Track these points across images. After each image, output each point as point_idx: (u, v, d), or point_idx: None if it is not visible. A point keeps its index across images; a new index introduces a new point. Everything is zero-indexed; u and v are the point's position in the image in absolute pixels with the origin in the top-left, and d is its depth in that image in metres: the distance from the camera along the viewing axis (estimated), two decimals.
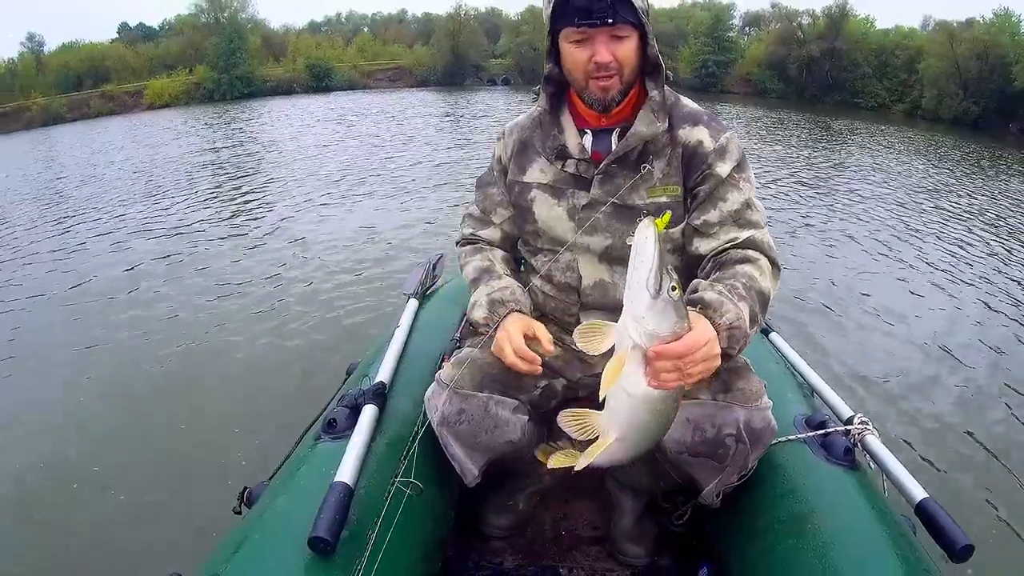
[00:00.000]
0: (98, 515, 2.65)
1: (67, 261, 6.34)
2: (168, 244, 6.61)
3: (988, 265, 6.12)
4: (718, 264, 1.28)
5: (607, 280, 1.41)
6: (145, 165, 12.46)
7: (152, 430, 3.21)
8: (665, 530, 1.64)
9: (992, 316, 4.80)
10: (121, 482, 2.82)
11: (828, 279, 5.50)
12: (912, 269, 5.88)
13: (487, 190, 1.56)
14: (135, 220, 7.77)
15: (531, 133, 1.47)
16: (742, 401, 1.24)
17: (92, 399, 3.58)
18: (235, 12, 38.46)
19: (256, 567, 1.10)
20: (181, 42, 38.66)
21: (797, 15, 38.29)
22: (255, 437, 3.02)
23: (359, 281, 5.23)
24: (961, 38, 29.13)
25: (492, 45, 44.65)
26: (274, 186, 9.46)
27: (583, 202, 1.38)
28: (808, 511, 1.27)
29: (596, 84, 1.28)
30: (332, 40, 47.60)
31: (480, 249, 1.54)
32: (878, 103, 32.19)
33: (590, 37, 1.23)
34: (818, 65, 34.30)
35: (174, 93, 33.45)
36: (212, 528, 2.15)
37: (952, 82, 27.99)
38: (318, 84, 36.01)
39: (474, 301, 1.41)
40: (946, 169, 12.52)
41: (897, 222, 7.63)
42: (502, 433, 1.35)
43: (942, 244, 6.73)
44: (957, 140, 18.89)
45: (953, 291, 5.31)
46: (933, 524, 1.22)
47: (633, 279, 0.96)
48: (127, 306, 4.93)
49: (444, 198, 8.02)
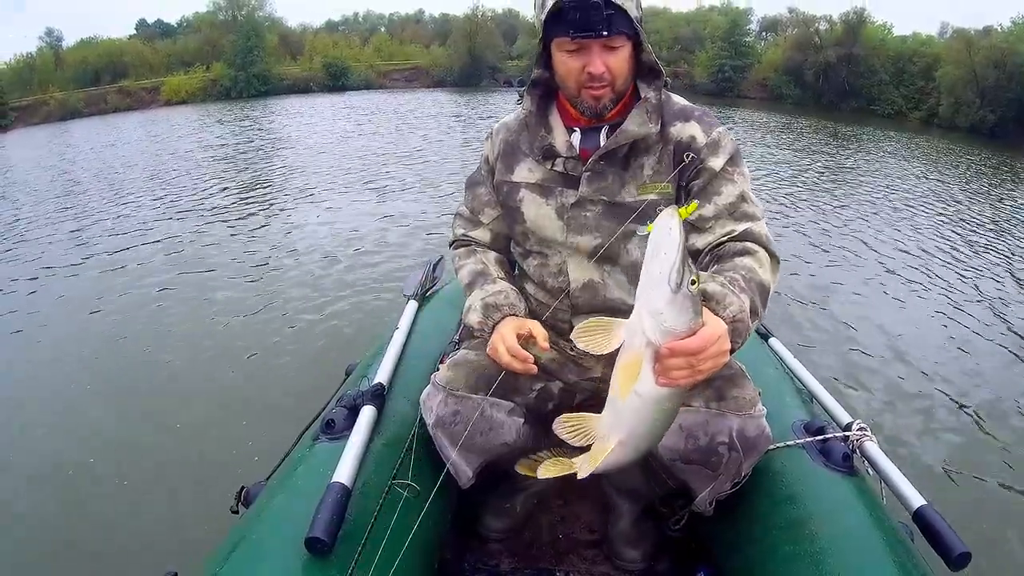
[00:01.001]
0: (95, 512, 2.67)
1: (68, 256, 6.39)
2: (170, 243, 6.62)
3: (992, 274, 6.08)
4: (716, 257, 1.27)
5: (596, 280, 1.39)
6: (155, 161, 12.53)
7: (150, 428, 3.22)
8: (662, 535, 1.63)
9: (993, 323, 4.77)
10: (118, 480, 2.84)
11: (830, 283, 5.47)
12: (917, 278, 5.84)
13: (476, 190, 1.56)
14: (140, 218, 7.80)
15: (518, 136, 1.46)
16: (736, 409, 1.23)
17: (90, 397, 3.60)
18: (253, 10, 38.48)
19: (253, 567, 1.11)
20: (199, 39, 38.63)
21: (815, 21, 37.81)
22: (253, 436, 3.02)
23: (360, 281, 5.24)
24: (979, 46, 28.68)
25: (509, 47, 44.35)
26: (279, 185, 9.45)
27: (571, 200, 1.37)
28: (806, 517, 1.27)
29: (588, 93, 1.28)
30: (349, 39, 47.47)
31: (473, 251, 1.54)
32: (895, 110, 31.81)
33: (584, 47, 1.23)
34: (835, 71, 33.89)
35: (191, 90, 33.54)
36: (209, 527, 2.15)
37: (969, 90, 27.59)
38: (334, 83, 35.95)
39: (469, 305, 1.40)
40: (961, 178, 12.42)
41: (908, 229, 7.58)
42: (497, 435, 1.36)
43: (950, 253, 6.68)
44: (973, 148, 18.71)
45: (957, 299, 5.27)
46: (931, 531, 1.22)
47: (652, 271, 0.91)
48: (127, 304, 4.95)
49: (447, 200, 8.02)
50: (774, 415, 1.31)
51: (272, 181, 9.83)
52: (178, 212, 7.96)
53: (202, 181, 9.95)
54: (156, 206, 8.40)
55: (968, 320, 4.77)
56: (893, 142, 18.54)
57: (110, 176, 11.16)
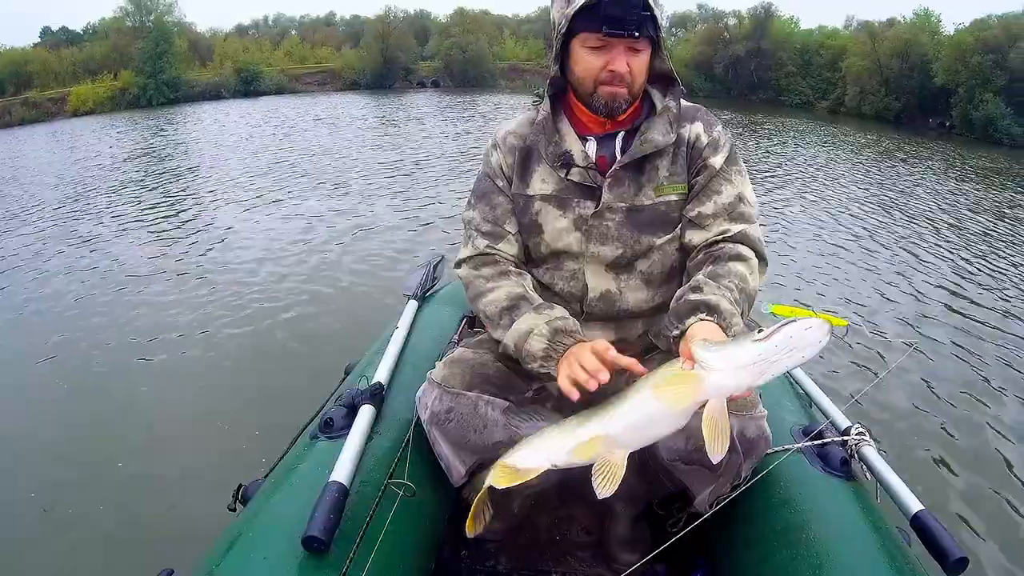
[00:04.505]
0: (91, 509, 2.65)
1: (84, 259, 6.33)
2: (174, 243, 6.64)
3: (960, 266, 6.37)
4: (710, 257, 1.29)
5: (612, 290, 1.39)
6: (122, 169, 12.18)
7: (148, 425, 3.22)
8: (659, 538, 1.63)
9: (989, 325, 4.80)
10: (115, 477, 2.83)
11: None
12: (834, 254, 6.35)
13: (491, 200, 1.44)
14: (138, 214, 7.81)
15: (534, 139, 1.41)
16: (736, 410, 1.23)
17: (87, 393, 3.59)
18: (161, 15, 37.01)
19: (250, 565, 1.11)
20: (105, 46, 36.83)
21: (723, 16, 39.74)
22: (251, 434, 3.02)
23: (360, 281, 5.25)
24: (883, 37, 30.22)
25: (421, 48, 44.27)
26: (269, 186, 9.38)
27: (590, 211, 1.36)
28: (803, 521, 1.27)
29: (605, 89, 1.28)
30: (260, 43, 46.42)
31: (506, 272, 1.38)
32: (803, 100, 33.38)
33: (609, 45, 1.24)
34: (744, 64, 35.41)
35: (98, 99, 31.86)
36: (206, 525, 2.14)
37: (874, 79, 29.24)
38: (247, 88, 34.98)
39: (526, 330, 1.25)
40: (873, 163, 13.59)
41: (825, 214, 8.24)
42: (491, 433, 1.34)
43: (916, 242, 7.08)
44: (879, 135, 20.05)
45: (942, 298, 5.37)
46: (928, 536, 1.22)
47: (771, 366, 0.96)
48: (124, 299, 4.95)
49: (438, 201, 8.08)
50: (772, 419, 1.31)
51: (249, 185, 9.61)
52: (174, 213, 7.97)
53: (177, 185, 9.92)
54: (152, 207, 8.37)
55: (965, 321, 4.79)
56: (802, 131, 19.65)
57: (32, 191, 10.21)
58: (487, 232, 1.43)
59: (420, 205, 7.94)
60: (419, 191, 8.75)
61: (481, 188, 1.47)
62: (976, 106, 24.24)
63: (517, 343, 1.26)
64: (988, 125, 23.66)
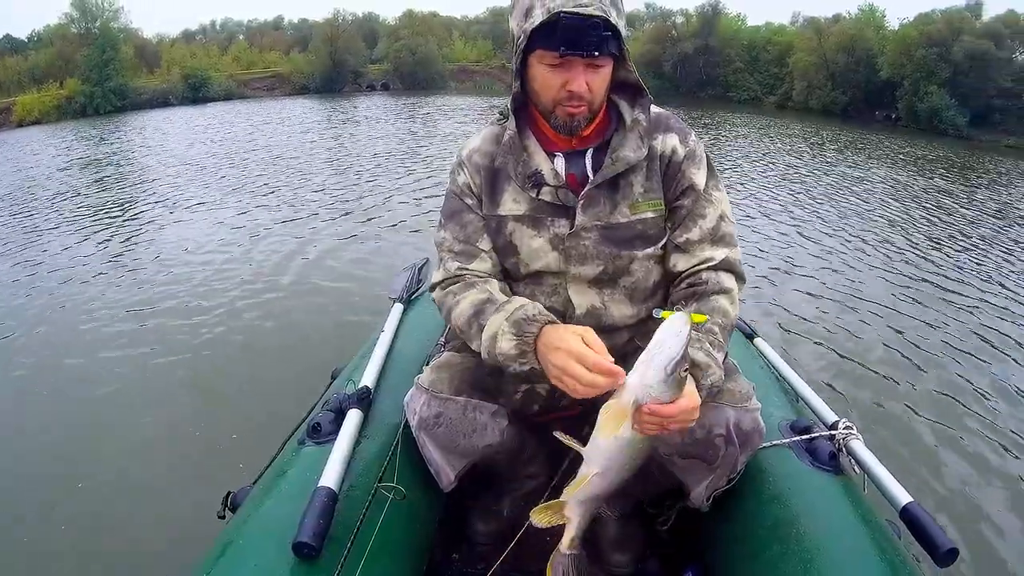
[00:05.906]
0: (81, 519, 2.61)
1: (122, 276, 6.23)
2: (155, 247, 6.55)
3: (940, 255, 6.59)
4: (694, 293, 1.30)
5: (597, 305, 1.36)
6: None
7: (135, 433, 3.17)
8: (650, 536, 1.63)
9: (977, 322, 4.85)
10: (103, 485, 2.78)
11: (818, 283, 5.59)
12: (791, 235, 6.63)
13: (461, 218, 1.39)
14: (137, 216, 7.70)
15: (502, 160, 1.35)
16: (731, 402, 1.24)
17: (76, 401, 3.54)
18: (107, 21, 35.81)
19: (240, 572, 1.10)
20: (51, 54, 35.67)
21: (671, 15, 40.93)
22: (239, 441, 2.99)
23: (344, 285, 5.20)
24: (829, 33, 31.16)
25: (370, 51, 44.16)
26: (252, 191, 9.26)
27: (565, 231, 1.32)
28: (793, 516, 1.27)
29: (564, 111, 1.24)
30: (207, 49, 45.50)
31: (471, 283, 1.33)
32: (751, 96, 34.23)
33: (568, 63, 1.19)
34: (692, 62, 36.32)
35: (44, 108, 30.60)
36: (196, 533, 2.12)
37: (821, 74, 30.18)
38: (195, 95, 34.20)
39: (492, 334, 1.20)
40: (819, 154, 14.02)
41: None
42: (480, 437, 1.34)
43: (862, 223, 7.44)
44: (826, 128, 20.55)
45: (939, 295, 5.39)
46: (917, 528, 1.24)
47: (655, 360, 1.03)
48: (114, 305, 4.88)
49: (423, 203, 8.06)
50: (760, 414, 1.32)
51: (227, 190, 9.60)
52: (167, 217, 7.88)
53: (146, 194, 9.82)
54: (154, 210, 8.27)
55: (959, 318, 4.85)
56: (749, 125, 20.12)
57: None
58: (459, 252, 1.38)
59: (391, 209, 7.90)
60: (378, 195, 8.67)
61: (450, 208, 1.42)
62: (921, 98, 25.17)
63: (490, 351, 1.20)
64: (933, 116, 24.59)
